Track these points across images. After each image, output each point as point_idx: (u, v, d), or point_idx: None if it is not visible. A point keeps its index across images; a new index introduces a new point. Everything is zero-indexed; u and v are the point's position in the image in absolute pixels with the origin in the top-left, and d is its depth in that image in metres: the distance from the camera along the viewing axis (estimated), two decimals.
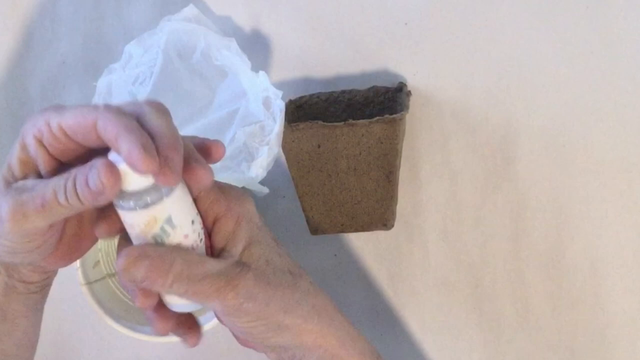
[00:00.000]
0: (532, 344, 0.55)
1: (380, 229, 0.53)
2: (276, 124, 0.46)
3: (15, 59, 0.59)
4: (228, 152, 0.46)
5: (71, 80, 0.59)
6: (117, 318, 0.46)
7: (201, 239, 0.32)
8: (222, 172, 0.46)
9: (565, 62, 0.54)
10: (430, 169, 0.56)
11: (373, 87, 0.54)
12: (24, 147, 0.31)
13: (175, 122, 0.32)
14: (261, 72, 0.48)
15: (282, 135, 0.47)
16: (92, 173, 0.28)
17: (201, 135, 0.43)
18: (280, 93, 0.47)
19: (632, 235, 0.54)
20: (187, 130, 0.48)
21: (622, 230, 0.54)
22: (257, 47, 0.57)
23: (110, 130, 0.28)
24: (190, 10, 0.52)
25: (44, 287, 0.38)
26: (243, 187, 0.42)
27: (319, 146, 0.50)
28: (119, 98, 0.51)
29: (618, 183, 0.54)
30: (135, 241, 0.31)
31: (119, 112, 0.29)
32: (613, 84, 0.54)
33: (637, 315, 0.54)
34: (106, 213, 0.32)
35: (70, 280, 0.60)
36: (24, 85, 0.59)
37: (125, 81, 0.51)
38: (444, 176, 0.56)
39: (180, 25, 0.51)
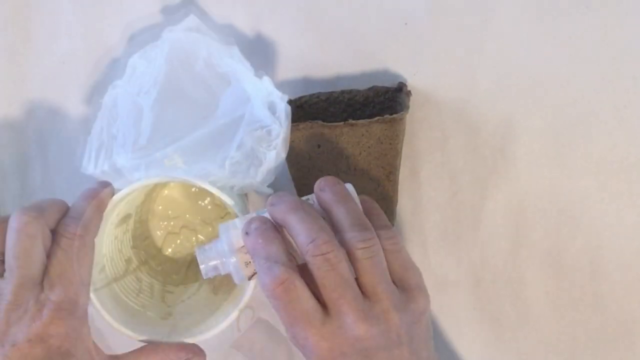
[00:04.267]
0: (532, 344, 0.55)
1: None
2: (282, 128, 0.46)
3: (15, 59, 0.59)
4: (236, 157, 0.46)
5: (71, 80, 0.59)
6: (124, 323, 0.46)
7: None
8: (231, 177, 0.46)
9: (565, 62, 0.54)
10: (430, 169, 0.56)
11: (373, 87, 0.54)
12: None
13: (180, 130, 0.33)
14: (265, 77, 0.48)
15: (289, 139, 0.47)
16: None
17: (207, 141, 0.45)
18: (285, 97, 0.47)
19: (632, 235, 0.54)
20: (192, 137, 0.48)
21: (622, 230, 0.54)
22: (256, 48, 0.57)
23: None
24: (191, 20, 0.52)
25: None
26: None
27: (319, 146, 0.50)
28: (124, 109, 0.51)
29: (618, 183, 0.54)
30: None
31: None
32: (613, 84, 0.54)
33: (637, 315, 0.54)
34: None
35: None
36: (24, 85, 0.59)
37: (129, 92, 0.51)
38: (444, 176, 0.56)
39: (182, 35, 0.51)
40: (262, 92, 0.48)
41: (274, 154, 0.46)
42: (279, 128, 0.46)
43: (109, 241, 0.49)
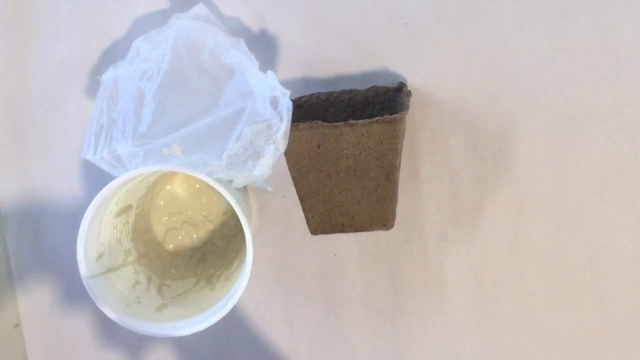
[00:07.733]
0: (532, 344, 0.55)
1: (380, 229, 0.53)
2: (283, 123, 0.46)
3: (15, 58, 0.59)
4: (234, 149, 0.46)
5: (71, 80, 0.59)
6: (117, 312, 0.46)
7: None
8: (228, 169, 0.46)
9: (565, 62, 0.54)
10: (430, 169, 0.56)
11: (373, 87, 0.54)
12: None
13: (181, 119, 0.31)
14: (269, 72, 0.48)
15: (288, 135, 0.47)
16: None
17: (207, 132, 0.44)
18: (288, 92, 0.47)
19: (632, 235, 0.54)
20: (192, 128, 0.48)
21: (622, 230, 0.54)
22: (257, 48, 0.57)
23: None
24: (199, 9, 0.52)
25: None
26: None
27: (319, 146, 0.50)
28: (126, 92, 0.50)
29: (618, 183, 0.54)
30: None
31: None
32: (613, 84, 0.54)
33: (637, 315, 0.54)
34: None
35: (70, 274, 0.60)
36: (24, 85, 0.59)
37: (132, 76, 0.50)
38: (444, 176, 0.56)
39: (190, 23, 0.51)
40: (266, 86, 0.48)
41: (272, 148, 0.45)
42: (280, 123, 0.46)
43: (108, 230, 0.49)
